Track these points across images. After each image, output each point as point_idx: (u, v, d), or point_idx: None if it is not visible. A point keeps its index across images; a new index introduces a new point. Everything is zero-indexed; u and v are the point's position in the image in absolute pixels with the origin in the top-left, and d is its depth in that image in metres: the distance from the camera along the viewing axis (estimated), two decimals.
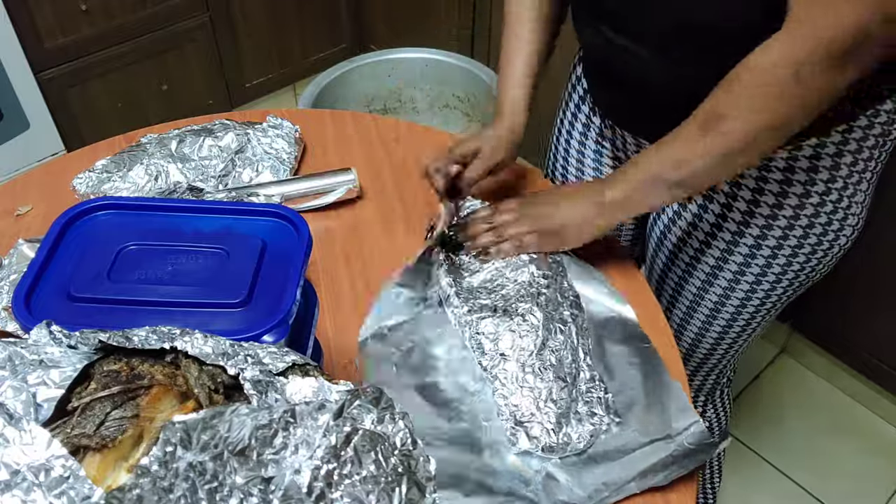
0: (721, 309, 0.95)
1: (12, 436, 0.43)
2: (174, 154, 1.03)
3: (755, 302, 0.93)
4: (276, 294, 0.63)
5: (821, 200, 0.82)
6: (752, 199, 0.85)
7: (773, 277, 0.90)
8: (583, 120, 1.05)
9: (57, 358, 0.51)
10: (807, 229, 0.85)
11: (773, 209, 0.84)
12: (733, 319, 0.96)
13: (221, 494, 0.42)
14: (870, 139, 0.80)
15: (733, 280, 0.91)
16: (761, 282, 0.90)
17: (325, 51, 2.45)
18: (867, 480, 1.59)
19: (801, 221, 0.84)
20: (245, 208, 0.72)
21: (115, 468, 0.47)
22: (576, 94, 1.05)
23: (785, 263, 0.88)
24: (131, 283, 0.64)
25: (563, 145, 1.10)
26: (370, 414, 0.48)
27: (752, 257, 0.88)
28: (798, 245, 0.86)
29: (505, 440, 0.75)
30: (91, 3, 1.90)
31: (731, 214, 0.87)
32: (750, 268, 0.90)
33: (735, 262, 0.90)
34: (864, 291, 1.54)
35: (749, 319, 0.96)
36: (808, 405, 1.73)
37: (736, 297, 0.93)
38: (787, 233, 0.85)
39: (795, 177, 0.81)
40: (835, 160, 0.80)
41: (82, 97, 2.01)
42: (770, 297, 0.92)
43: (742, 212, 0.86)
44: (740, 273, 0.90)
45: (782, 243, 0.86)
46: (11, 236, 0.93)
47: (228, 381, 0.51)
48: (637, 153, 0.90)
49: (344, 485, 0.44)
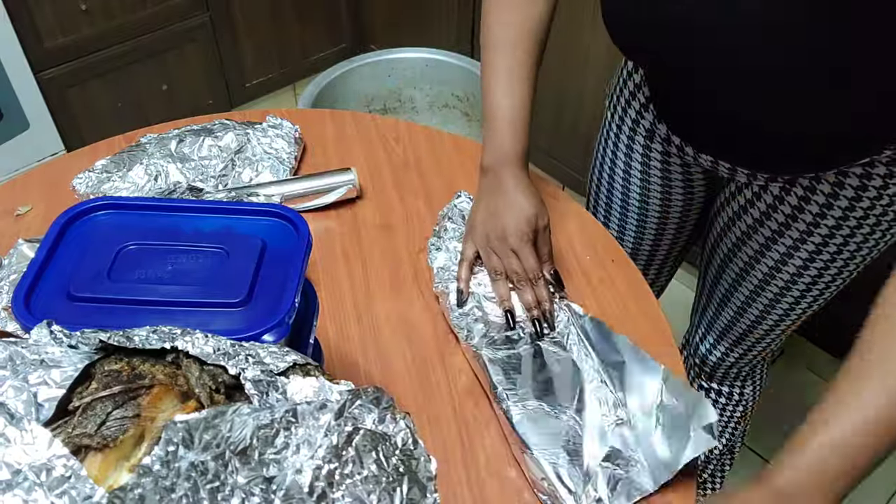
0: (781, 299, 0.97)
1: (13, 436, 0.43)
2: (174, 154, 1.03)
3: (814, 293, 0.95)
4: (276, 294, 0.63)
5: (890, 201, 0.83)
6: (825, 202, 0.85)
7: (835, 270, 0.91)
8: (643, 133, 1.00)
9: (58, 358, 0.51)
10: (874, 227, 0.85)
11: (846, 211, 0.85)
12: (791, 308, 0.98)
13: (223, 494, 0.42)
14: None
15: (796, 274, 0.93)
16: (823, 274, 0.92)
17: (325, 51, 2.45)
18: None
19: (870, 220, 0.85)
20: (245, 208, 0.72)
21: (116, 468, 0.47)
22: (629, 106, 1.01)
23: (849, 258, 0.89)
24: (131, 282, 0.64)
25: (608, 161, 1.08)
26: (371, 414, 0.48)
27: (817, 252, 0.90)
28: (864, 241, 0.87)
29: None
30: (91, 3, 1.90)
31: (804, 210, 0.87)
32: (814, 262, 0.91)
33: (803, 254, 0.91)
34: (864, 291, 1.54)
35: (806, 308, 0.98)
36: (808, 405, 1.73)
37: (797, 289, 0.95)
38: (855, 231, 0.86)
39: (871, 182, 0.82)
40: (890, 169, 0.80)
41: (82, 97, 2.01)
42: (829, 286, 0.94)
43: (814, 212, 0.86)
44: (805, 266, 0.92)
45: (849, 240, 0.87)
46: (11, 236, 0.93)
47: (229, 381, 0.51)
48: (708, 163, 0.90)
49: (345, 484, 0.44)
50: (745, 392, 1.18)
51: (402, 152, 1.13)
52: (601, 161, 1.09)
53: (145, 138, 1.08)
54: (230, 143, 1.05)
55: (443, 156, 1.12)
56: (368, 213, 1.03)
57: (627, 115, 1.01)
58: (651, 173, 1.03)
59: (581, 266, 0.96)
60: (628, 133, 1.02)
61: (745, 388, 1.18)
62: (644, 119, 0.98)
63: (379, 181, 1.08)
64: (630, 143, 1.02)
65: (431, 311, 0.91)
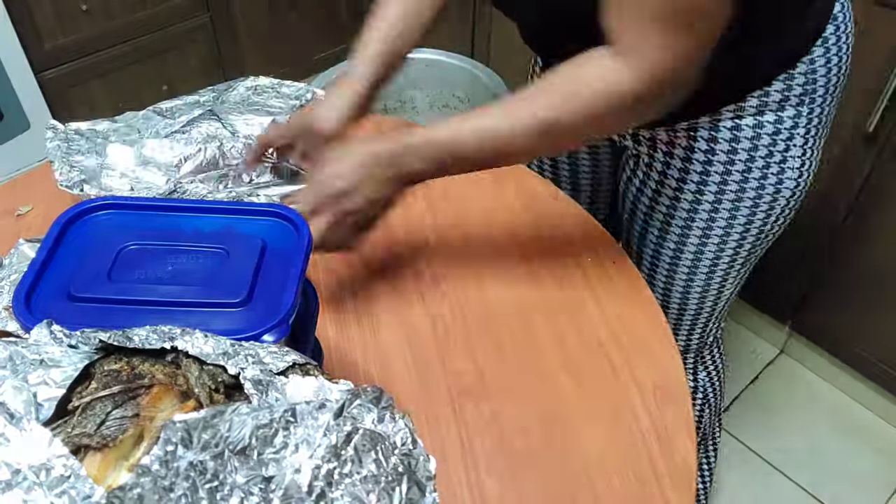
0: (697, 266, 1.01)
1: (13, 435, 0.43)
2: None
3: (718, 257, 0.99)
4: (276, 294, 0.63)
5: (749, 156, 0.89)
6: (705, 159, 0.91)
7: (722, 231, 0.96)
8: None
9: (57, 357, 0.51)
10: (742, 183, 0.91)
11: (705, 166, 0.91)
12: (709, 276, 1.02)
13: (222, 493, 0.42)
14: (791, 99, 0.86)
15: (703, 237, 0.98)
16: (721, 237, 0.97)
17: (325, 50, 2.46)
18: (867, 480, 1.59)
19: (735, 177, 0.91)
20: (245, 208, 0.72)
21: (115, 467, 0.47)
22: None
23: (729, 217, 0.94)
24: (131, 282, 0.64)
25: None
26: (370, 413, 0.48)
27: (711, 215, 0.95)
28: (737, 199, 0.92)
29: None
30: (91, 3, 1.90)
31: (687, 178, 0.94)
32: (714, 224, 0.96)
33: (700, 220, 0.96)
34: (864, 291, 1.54)
35: (722, 274, 1.02)
36: (808, 405, 1.73)
37: (708, 252, 0.99)
38: (722, 188, 0.92)
39: (721, 135, 0.89)
40: (756, 119, 0.87)
41: (83, 97, 2.01)
42: (734, 250, 0.99)
43: (699, 170, 0.93)
44: (707, 230, 0.97)
45: (721, 198, 0.93)
46: (12, 236, 0.93)
47: (229, 381, 0.51)
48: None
49: (344, 484, 0.44)
50: (699, 378, 1.20)
51: None
52: None
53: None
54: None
55: None
56: None
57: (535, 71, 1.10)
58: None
59: (581, 267, 0.96)
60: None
61: (697, 373, 1.19)
62: (536, 74, 1.08)
63: None
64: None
65: (431, 311, 0.91)
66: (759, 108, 0.86)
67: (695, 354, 1.17)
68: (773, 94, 0.86)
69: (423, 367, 0.85)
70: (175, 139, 0.98)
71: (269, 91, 1.09)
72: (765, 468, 1.61)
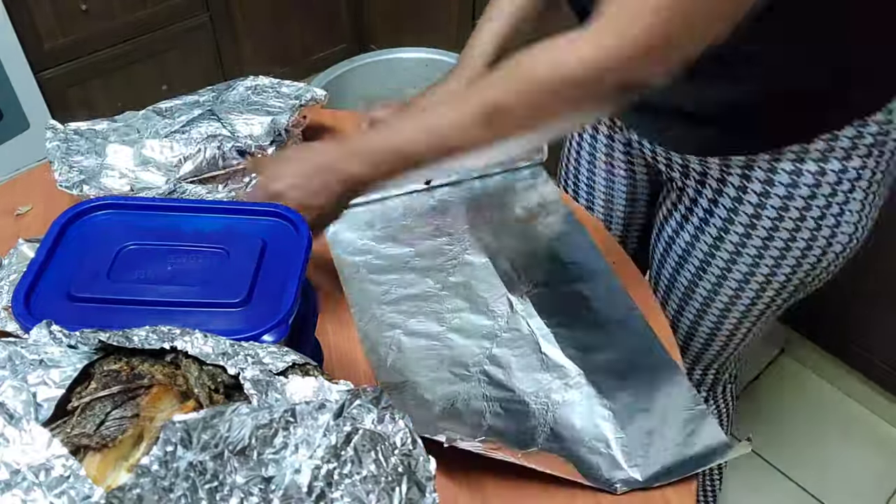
0: (729, 311, 0.95)
1: (12, 435, 0.43)
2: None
3: (754, 304, 0.93)
4: (276, 294, 0.63)
5: (805, 205, 0.82)
6: (758, 202, 0.84)
7: (763, 279, 0.90)
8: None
9: (57, 358, 0.51)
10: (793, 232, 0.84)
11: (780, 211, 0.84)
12: (738, 322, 0.96)
13: (222, 494, 0.42)
14: (860, 148, 0.79)
15: (742, 282, 0.91)
16: (761, 284, 0.91)
17: (325, 51, 2.45)
18: (867, 480, 1.59)
19: (787, 224, 0.84)
20: (245, 208, 0.72)
21: (115, 468, 0.47)
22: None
23: (773, 266, 0.88)
24: (131, 282, 0.64)
25: (574, 143, 1.09)
26: (370, 413, 0.48)
27: (756, 260, 0.89)
28: (786, 248, 0.86)
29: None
30: (91, 3, 1.90)
31: (735, 220, 0.87)
32: (756, 271, 0.89)
33: (742, 266, 0.90)
34: (864, 292, 1.54)
35: (753, 320, 0.96)
36: (808, 405, 1.73)
37: (745, 298, 0.93)
38: (771, 234, 0.85)
39: (778, 178, 0.82)
40: (820, 165, 0.80)
41: (82, 97, 2.01)
42: (770, 299, 0.93)
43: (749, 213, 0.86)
44: (748, 275, 0.90)
45: (767, 245, 0.86)
46: (11, 236, 0.92)
47: (228, 381, 0.51)
48: (649, 153, 0.92)
49: (344, 484, 0.44)
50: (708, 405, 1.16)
51: None
52: (568, 150, 1.11)
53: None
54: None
55: None
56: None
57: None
58: (596, 163, 1.04)
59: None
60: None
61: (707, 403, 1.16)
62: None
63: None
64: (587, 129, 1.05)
65: None
66: (823, 154, 0.79)
67: (707, 390, 1.12)
68: (842, 140, 0.78)
69: None
70: (175, 139, 0.98)
71: (269, 91, 1.08)
72: (764, 467, 1.61)
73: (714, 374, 1.09)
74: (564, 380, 0.80)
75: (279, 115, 1.02)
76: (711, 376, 1.09)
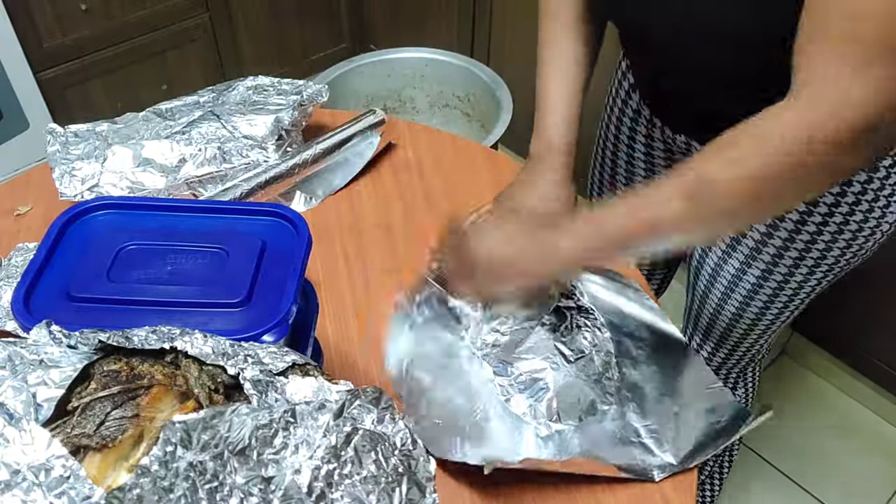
0: (756, 294, 0.96)
1: (12, 436, 0.43)
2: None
3: (801, 287, 0.95)
4: (276, 294, 0.63)
5: (862, 189, 0.83)
6: (805, 209, 0.85)
7: (812, 262, 0.91)
8: (630, 115, 1.02)
9: (57, 358, 0.51)
10: (847, 216, 0.85)
11: (809, 206, 0.85)
12: (767, 306, 0.98)
13: (222, 494, 0.42)
14: None
15: (771, 263, 0.92)
16: (799, 269, 0.92)
17: (325, 50, 2.45)
18: (867, 480, 1.59)
19: (842, 208, 0.85)
20: (245, 208, 0.72)
21: (115, 468, 0.47)
22: (622, 88, 1.03)
23: (825, 248, 0.89)
24: (131, 283, 0.64)
25: (610, 143, 1.08)
26: (370, 414, 0.48)
27: (802, 254, 0.90)
28: (832, 240, 0.87)
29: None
30: (91, 3, 1.90)
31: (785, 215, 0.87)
32: (802, 263, 0.91)
33: (788, 258, 0.91)
34: (864, 292, 1.54)
35: (784, 306, 0.98)
36: (808, 405, 1.73)
37: (788, 289, 0.94)
38: (827, 219, 0.86)
39: (850, 188, 0.83)
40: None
41: (82, 97, 2.01)
42: (806, 284, 0.94)
43: (795, 217, 0.87)
44: (793, 267, 0.92)
45: (822, 229, 0.87)
46: (11, 236, 0.93)
47: (228, 381, 0.51)
48: (686, 154, 0.91)
49: (344, 485, 0.44)
50: (736, 394, 1.18)
51: (402, 152, 1.13)
52: (602, 149, 1.11)
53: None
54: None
55: (443, 156, 1.12)
56: (368, 213, 1.03)
57: (619, 95, 1.04)
58: (636, 156, 1.04)
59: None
60: (617, 114, 1.04)
61: (735, 390, 1.17)
62: (631, 100, 1.01)
63: (379, 181, 1.08)
64: (619, 124, 1.04)
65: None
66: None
67: (738, 371, 1.13)
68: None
69: None
70: (175, 140, 0.98)
71: (270, 89, 1.09)
72: (764, 467, 1.61)
73: (749, 358, 1.11)
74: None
75: (282, 112, 1.02)
76: (746, 360, 1.11)
